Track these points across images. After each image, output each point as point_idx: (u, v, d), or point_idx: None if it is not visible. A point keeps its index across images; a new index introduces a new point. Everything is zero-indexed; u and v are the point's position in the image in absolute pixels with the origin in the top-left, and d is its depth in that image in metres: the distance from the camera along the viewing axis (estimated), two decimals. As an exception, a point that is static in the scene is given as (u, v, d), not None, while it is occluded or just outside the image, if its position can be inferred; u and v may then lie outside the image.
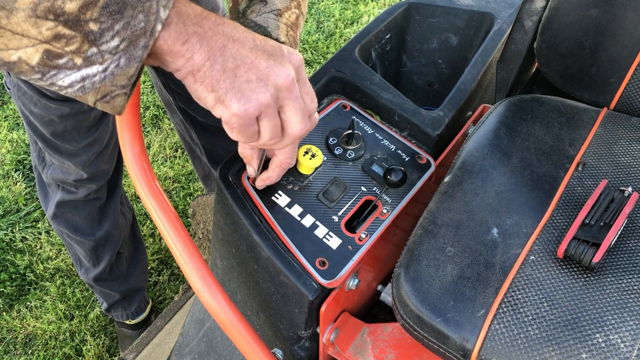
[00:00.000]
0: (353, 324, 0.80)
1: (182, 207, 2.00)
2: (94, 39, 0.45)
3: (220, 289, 0.70)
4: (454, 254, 0.65)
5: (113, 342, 1.70)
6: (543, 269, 0.63)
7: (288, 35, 0.72)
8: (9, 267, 1.81)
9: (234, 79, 0.52)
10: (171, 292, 1.80)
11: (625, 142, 0.76)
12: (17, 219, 1.94)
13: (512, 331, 0.58)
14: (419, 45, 1.13)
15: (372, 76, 0.92)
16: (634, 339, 0.56)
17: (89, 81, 0.47)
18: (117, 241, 1.46)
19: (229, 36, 0.52)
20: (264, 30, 0.73)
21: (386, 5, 2.88)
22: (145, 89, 2.40)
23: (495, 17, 1.06)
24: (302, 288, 0.70)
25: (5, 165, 2.10)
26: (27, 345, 1.67)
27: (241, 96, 0.52)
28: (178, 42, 0.49)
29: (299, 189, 0.78)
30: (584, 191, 0.70)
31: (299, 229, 0.73)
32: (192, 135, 1.46)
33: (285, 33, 0.72)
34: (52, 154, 1.21)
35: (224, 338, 1.01)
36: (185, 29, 0.49)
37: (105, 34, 0.45)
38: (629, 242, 0.64)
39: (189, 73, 0.51)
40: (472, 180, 0.72)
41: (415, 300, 0.63)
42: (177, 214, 0.76)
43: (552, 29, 0.82)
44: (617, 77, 0.81)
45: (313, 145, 0.78)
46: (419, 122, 0.86)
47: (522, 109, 0.81)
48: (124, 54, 0.46)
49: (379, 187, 0.79)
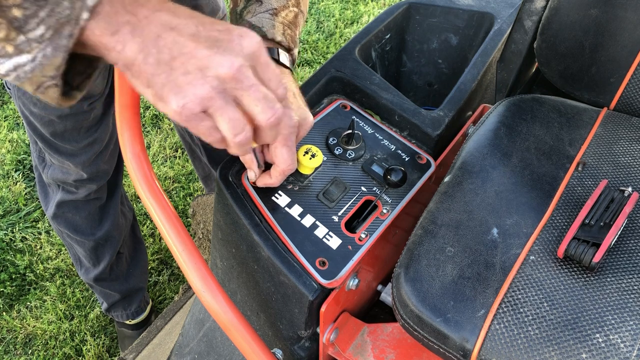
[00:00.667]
0: (353, 324, 0.80)
1: (182, 207, 2.00)
2: (19, 25, 0.43)
3: (220, 289, 0.70)
4: (454, 254, 0.65)
5: (113, 342, 1.70)
6: (543, 269, 0.63)
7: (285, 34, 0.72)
8: (9, 267, 1.81)
9: (170, 72, 0.47)
10: (171, 292, 1.80)
11: (625, 142, 0.76)
12: (17, 219, 1.94)
13: (512, 331, 0.58)
14: (419, 45, 1.13)
15: (372, 76, 0.92)
16: (634, 339, 0.56)
17: (21, 70, 0.45)
18: (117, 241, 1.46)
19: (165, 24, 0.47)
20: (259, 30, 0.73)
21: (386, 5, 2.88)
22: (145, 89, 2.40)
23: (495, 17, 1.06)
24: (302, 288, 0.70)
25: (5, 165, 2.10)
26: (27, 345, 1.67)
27: (178, 91, 0.47)
28: (107, 33, 0.45)
29: (299, 189, 0.78)
30: (584, 191, 0.70)
31: (299, 229, 0.73)
32: (192, 136, 1.46)
33: (282, 32, 0.72)
34: (52, 154, 1.21)
35: (224, 338, 1.01)
36: (117, 17, 0.45)
37: (30, 21, 0.43)
38: (629, 242, 0.64)
39: (125, 67, 0.48)
40: (472, 180, 0.72)
41: (415, 300, 0.63)
42: (177, 214, 0.76)
43: (552, 29, 0.82)
44: (617, 77, 0.81)
45: (313, 145, 0.78)
46: (419, 122, 0.86)
47: (522, 109, 0.81)
48: (49, 43, 0.44)
49: (379, 187, 0.79)
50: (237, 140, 0.52)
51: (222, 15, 1.23)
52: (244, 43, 0.49)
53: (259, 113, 0.51)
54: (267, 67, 0.52)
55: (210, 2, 1.17)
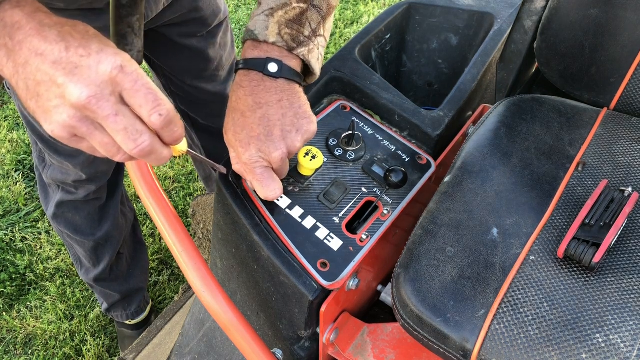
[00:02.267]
0: (353, 324, 0.80)
1: (182, 207, 2.00)
2: None
3: (220, 289, 0.70)
4: (454, 254, 0.65)
5: (113, 342, 1.70)
6: (543, 269, 0.63)
7: (282, 34, 0.70)
8: (9, 267, 1.81)
9: (38, 98, 0.48)
10: (171, 292, 1.80)
11: (625, 142, 0.76)
12: (17, 219, 1.94)
13: (512, 331, 0.58)
14: (419, 45, 1.13)
15: (372, 76, 0.92)
16: (634, 339, 0.56)
17: None
18: (118, 241, 1.46)
19: (34, 50, 0.48)
20: (252, 34, 0.72)
21: (386, 5, 2.88)
22: (145, 89, 2.39)
23: (495, 17, 1.06)
24: (302, 288, 0.70)
25: (5, 165, 2.10)
26: (27, 345, 1.67)
27: (46, 117, 0.49)
28: None
29: (299, 190, 0.78)
30: (584, 191, 0.70)
31: (300, 231, 0.73)
32: (192, 137, 1.46)
33: (277, 32, 0.70)
34: (51, 154, 1.21)
35: (224, 338, 1.01)
36: None
37: None
38: (629, 242, 0.64)
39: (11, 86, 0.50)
40: (472, 180, 0.72)
41: (415, 300, 0.63)
42: (177, 214, 0.76)
43: (552, 29, 0.82)
44: (617, 77, 0.81)
45: (313, 146, 0.78)
46: (419, 122, 0.86)
47: (522, 109, 0.81)
48: None
49: (379, 188, 0.79)
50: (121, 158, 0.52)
51: (222, 18, 1.23)
52: (100, 69, 0.48)
53: (121, 143, 0.50)
54: (135, 93, 0.49)
55: (211, 4, 1.17)
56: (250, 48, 0.72)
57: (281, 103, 0.70)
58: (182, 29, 1.16)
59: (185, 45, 1.19)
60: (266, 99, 0.70)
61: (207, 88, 1.29)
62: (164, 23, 1.12)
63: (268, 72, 0.70)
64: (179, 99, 1.33)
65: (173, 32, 1.16)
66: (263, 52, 0.71)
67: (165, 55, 1.22)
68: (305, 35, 0.72)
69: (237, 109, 0.70)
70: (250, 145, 0.68)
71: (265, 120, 0.69)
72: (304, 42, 0.72)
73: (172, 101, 1.36)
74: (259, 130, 0.69)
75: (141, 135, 0.50)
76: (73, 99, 0.47)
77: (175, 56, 1.22)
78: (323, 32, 0.75)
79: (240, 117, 0.70)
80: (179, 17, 1.13)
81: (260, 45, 0.72)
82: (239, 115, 0.70)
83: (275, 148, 0.68)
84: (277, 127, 0.69)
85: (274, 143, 0.69)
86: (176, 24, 1.14)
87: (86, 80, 0.47)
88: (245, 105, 0.70)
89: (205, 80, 1.28)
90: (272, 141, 0.69)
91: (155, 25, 1.11)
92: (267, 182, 0.70)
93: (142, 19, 0.71)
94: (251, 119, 0.69)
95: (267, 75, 0.70)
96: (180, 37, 1.17)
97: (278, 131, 0.69)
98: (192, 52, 1.21)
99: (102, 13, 0.96)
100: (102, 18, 0.97)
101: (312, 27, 0.73)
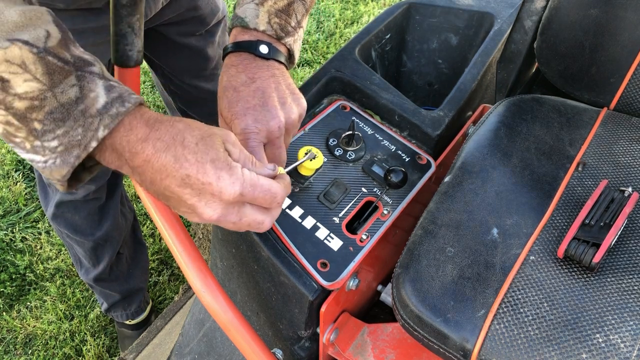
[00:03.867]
0: (353, 324, 0.80)
1: (182, 207, 2.00)
2: (37, 135, 0.51)
3: (220, 289, 0.70)
4: (454, 254, 0.65)
5: (113, 342, 1.70)
6: (543, 269, 0.63)
7: (271, 23, 0.71)
8: (9, 267, 1.81)
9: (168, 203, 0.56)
10: (171, 292, 1.80)
11: (625, 142, 0.76)
12: (17, 219, 1.94)
13: (512, 331, 0.58)
14: (419, 45, 1.13)
15: (372, 76, 0.92)
16: (634, 339, 0.56)
17: (35, 164, 0.53)
18: (117, 241, 1.46)
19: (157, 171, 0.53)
20: (241, 21, 0.73)
21: (386, 5, 2.88)
22: (145, 89, 2.40)
23: (495, 17, 1.06)
24: (302, 288, 0.70)
25: (5, 165, 2.10)
26: (27, 345, 1.67)
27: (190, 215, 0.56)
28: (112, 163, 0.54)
29: (299, 190, 0.78)
30: (584, 191, 0.70)
31: (300, 231, 0.73)
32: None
33: (267, 21, 0.71)
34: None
35: (224, 338, 1.01)
36: (118, 157, 0.54)
37: (47, 134, 0.51)
38: (629, 242, 0.64)
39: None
40: (472, 180, 0.72)
41: (415, 300, 0.63)
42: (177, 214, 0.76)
43: (552, 29, 0.82)
44: (617, 77, 0.81)
45: (313, 146, 0.78)
46: (419, 122, 0.86)
47: (522, 109, 0.81)
48: (60, 156, 0.52)
49: (379, 188, 0.79)
50: None
51: (221, 17, 1.23)
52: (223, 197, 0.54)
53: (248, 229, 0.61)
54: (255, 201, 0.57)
55: (209, 3, 1.17)
56: (240, 33, 0.73)
57: (274, 78, 0.71)
58: (181, 28, 1.16)
59: (184, 44, 1.19)
60: (259, 74, 0.70)
61: (206, 87, 1.29)
62: (162, 22, 1.12)
63: (259, 52, 0.71)
64: (178, 98, 1.33)
65: (172, 31, 1.16)
66: (253, 37, 0.72)
67: (164, 55, 1.22)
68: (292, 26, 0.74)
69: (230, 86, 0.70)
70: (246, 116, 0.68)
71: (259, 92, 0.69)
72: (290, 32, 0.74)
73: (172, 100, 1.36)
74: (254, 102, 0.68)
75: (263, 223, 0.59)
76: (205, 217, 0.55)
77: (174, 55, 1.22)
78: (304, 24, 0.76)
79: (233, 92, 0.70)
80: (177, 16, 1.13)
81: (249, 31, 0.73)
82: (232, 92, 0.70)
83: (272, 116, 0.68)
84: (272, 97, 0.69)
85: (270, 112, 0.68)
86: (175, 22, 1.14)
87: (212, 205, 0.54)
88: (239, 81, 0.70)
89: (204, 79, 1.28)
90: (269, 110, 0.68)
91: (154, 24, 1.11)
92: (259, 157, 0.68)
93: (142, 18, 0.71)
94: (245, 92, 0.69)
95: (258, 55, 0.71)
96: (179, 36, 1.17)
97: (274, 101, 0.69)
98: (191, 51, 1.21)
99: (101, 13, 0.96)
100: (101, 18, 0.97)
101: (297, 18, 0.74)
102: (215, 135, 0.56)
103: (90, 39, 0.99)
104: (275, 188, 0.57)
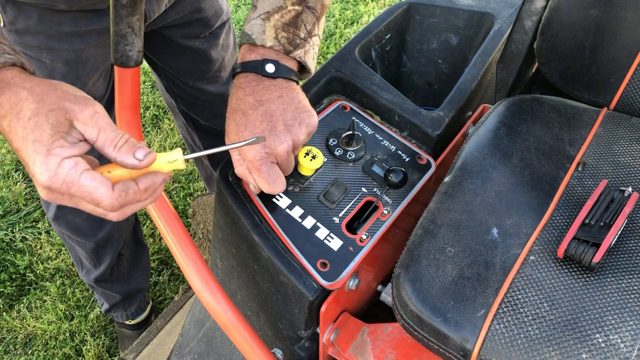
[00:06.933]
0: (353, 324, 0.80)
1: (182, 207, 2.00)
2: None
3: (220, 289, 0.70)
4: (454, 254, 0.65)
5: (113, 342, 1.70)
6: (543, 269, 0.63)
7: (279, 37, 0.71)
8: (9, 267, 1.81)
9: None
10: (171, 292, 1.80)
11: (625, 142, 0.76)
12: (17, 219, 1.94)
13: (512, 331, 0.58)
14: (419, 45, 1.13)
15: (372, 76, 0.92)
16: (634, 339, 0.56)
17: None
18: (118, 243, 1.46)
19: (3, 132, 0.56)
20: (249, 38, 0.72)
21: (386, 5, 2.88)
22: (145, 89, 2.40)
23: (495, 17, 1.06)
24: (302, 288, 0.70)
25: (5, 165, 2.10)
26: (27, 345, 1.67)
27: None
28: None
29: (299, 190, 0.78)
30: (584, 191, 0.70)
31: (300, 231, 0.73)
32: (194, 138, 1.46)
33: (274, 36, 0.71)
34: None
35: (224, 338, 1.01)
36: None
37: None
38: (629, 242, 0.64)
39: None
40: (472, 180, 0.72)
41: (415, 300, 0.63)
42: (177, 214, 0.76)
43: (552, 29, 0.82)
44: (617, 77, 0.81)
45: (313, 146, 0.78)
46: (419, 122, 0.86)
47: (522, 109, 0.81)
48: None
49: (379, 188, 0.79)
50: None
51: (225, 19, 1.23)
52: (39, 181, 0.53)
53: None
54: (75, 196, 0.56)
55: (213, 5, 1.17)
56: (247, 52, 0.73)
57: (281, 99, 0.70)
58: (185, 30, 1.16)
59: (188, 46, 1.19)
60: (266, 96, 0.70)
61: (209, 89, 1.29)
62: (166, 24, 1.12)
63: (265, 72, 0.71)
64: (181, 100, 1.33)
65: (176, 33, 1.16)
66: (260, 55, 0.72)
67: (168, 57, 1.22)
68: (301, 38, 0.73)
69: (238, 109, 0.70)
70: None
71: (267, 115, 0.69)
72: (300, 44, 0.73)
73: (175, 102, 1.36)
74: (262, 126, 0.69)
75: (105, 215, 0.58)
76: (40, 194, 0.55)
77: (178, 58, 1.22)
78: (317, 32, 0.75)
79: (242, 116, 0.70)
80: (181, 18, 1.13)
81: (257, 48, 0.72)
82: (240, 115, 0.70)
83: (280, 141, 0.68)
84: (280, 121, 0.69)
85: (278, 137, 0.68)
86: (179, 25, 1.14)
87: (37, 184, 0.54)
88: (247, 105, 0.70)
89: (207, 82, 1.27)
90: (277, 135, 0.68)
91: (158, 26, 1.11)
92: (273, 179, 0.70)
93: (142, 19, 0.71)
94: (253, 116, 0.69)
95: (264, 75, 0.71)
96: (183, 39, 1.17)
97: (281, 125, 0.69)
98: (195, 54, 1.21)
99: (103, 14, 0.96)
100: (104, 19, 0.97)
101: (307, 28, 0.73)
102: (55, 112, 0.53)
103: (94, 41, 0.99)
104: (99, 194, 0.52)
